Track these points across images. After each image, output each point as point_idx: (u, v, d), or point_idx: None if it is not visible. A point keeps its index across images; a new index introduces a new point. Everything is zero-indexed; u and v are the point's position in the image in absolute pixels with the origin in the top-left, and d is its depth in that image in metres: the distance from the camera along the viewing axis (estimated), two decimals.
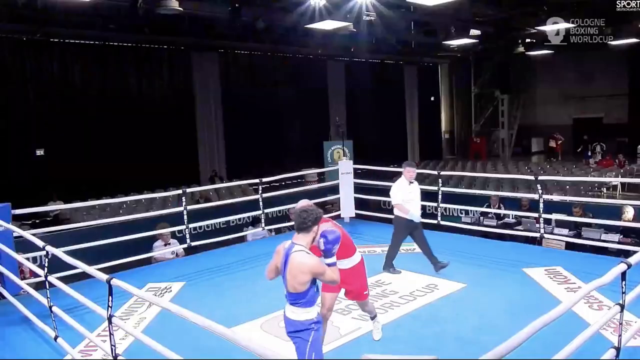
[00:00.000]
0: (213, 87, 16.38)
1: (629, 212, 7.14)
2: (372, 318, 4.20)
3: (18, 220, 8.05)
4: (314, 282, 3.02)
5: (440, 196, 7.46)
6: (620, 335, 2.94)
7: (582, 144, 19.50)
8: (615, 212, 7.36)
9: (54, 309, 4.21)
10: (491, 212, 8.94)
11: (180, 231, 7.16)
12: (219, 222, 9.25)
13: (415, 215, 5.76)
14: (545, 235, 6.94)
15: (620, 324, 2.93)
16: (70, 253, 4.22)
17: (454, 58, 22.63)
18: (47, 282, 4.23)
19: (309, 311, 3.03)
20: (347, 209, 8.23)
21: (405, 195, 5.76)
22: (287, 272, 2.96)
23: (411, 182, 5.82)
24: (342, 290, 3.87)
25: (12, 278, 5.12)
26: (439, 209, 7.46)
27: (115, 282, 3.26)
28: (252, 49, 17.10)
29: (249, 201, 8.32)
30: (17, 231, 5.24)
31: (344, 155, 13.44)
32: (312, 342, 3.06)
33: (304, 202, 3.65)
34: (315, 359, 3.05)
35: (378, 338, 4.13)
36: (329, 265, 3.06)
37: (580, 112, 22.09)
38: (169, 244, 7.10)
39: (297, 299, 3.00)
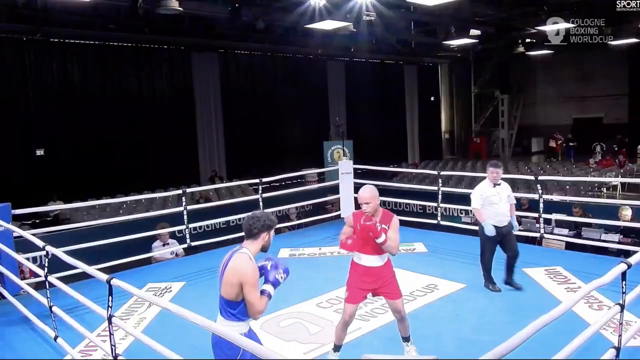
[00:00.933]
0: (213, 87, 16.38)
1: (627, 212, 7.15)
2: (406, 340, 3.84)
3: (18, 220, 8.06)
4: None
5: (440, 196, 7.46)
6: (620, 335, 2.94)
7: (566, 143, 19.61)
8: (615, 212, 7.36)
9: (54, 309, 4.21)
10: None
11: (180, 231, 7.16)
12: (219, 222, 9.24)
13: (488, 225, 5.03)
14: (545, 235, 6.94)
15: (621, 324, 2.93)
16: (70, 253, 4.22)
17: (454, 58, 22.64)
18: (47, 282, 4.23)
19: (236, 325, 2.73)
20: (347, 209, 8.22)
21: (487, 199, 5.14)
22: (225, 273, 2.75)
23: (497, 184, 5.22)
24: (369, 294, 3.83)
25: (12, 278, 5.12)
26: (439, 209, 7.46)
27: (115, 282, 3.26)
28: (252, 49, 17.10)
29: (249, 201, 8.32)
30: (17, 231, 5.24)
31: (344, 155, 13.44)
32: None
33: (368, 188, 3.88)
34: None
35: None
36: (263, 290, 2.79)
37: (580, 112, 22.09)
38: (168, 244, 7.10)
39: (227, 306, 2.74)
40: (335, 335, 3.78)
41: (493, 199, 5.13)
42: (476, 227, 5.48)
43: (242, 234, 2.93)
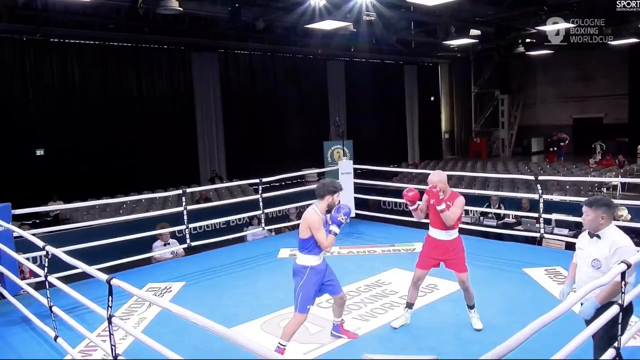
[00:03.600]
0: (213, 87, 16.38)
1: (623, 213, 7.15)
2: (471, 307, 4.32)
3: (18, 220, 8.06)
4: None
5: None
6: (620, 335, 2.94)
7: (552, 144, 19.63)
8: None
9: (54, 309, 4.21)
10: (491, 212, 8.94)
11: (180, 231, 7.16)
12: (219, 222, 9.25)
13: (564, 290, 3.56)
14: (545, 235, 6.94)
15: (620, 323, 2.93)
16: (70, 253, 4.22)
17: (454, 58, 22.65)
18: (47, 282, 4.23)
19: (307, 258, 3.83)
20: None
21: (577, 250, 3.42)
22: (300, 222, 3.90)
23: (593, 235, 3.16)
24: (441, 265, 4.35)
25: (12, 278, 5.12)
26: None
27: (115, 282, 3.26)
28: (252, 49, 17.11)
29: (249, 201, 8.32)
30: (17, 231, 5.23)
31: (344, 155, 13.43)
32: (303, 283, 3.83)
33: (435, 172, 4.33)
34: (302, 299, 3.83)
35: (480, 327, 4.23)
36: (329, 230, 3.78)
37: (580, 112, 22.10)
38: (168, 243, 7.10)
39: (301, 245, 3.84)
40: (408, 294, 4.41)
41: (578, 254, 3.38)
42: (476, 227, 5.50)
43: (242, 233, 3.08)
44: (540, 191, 6.62)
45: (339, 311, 4.21)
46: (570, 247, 6.90)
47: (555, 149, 20.01)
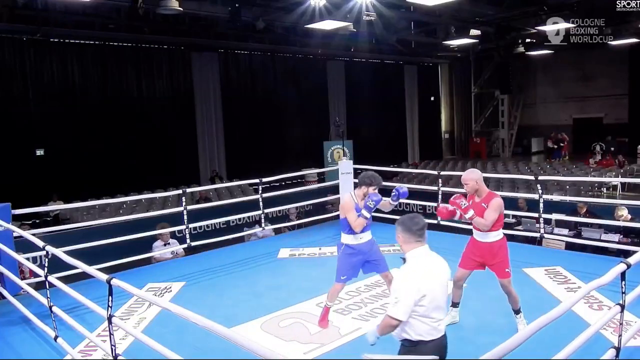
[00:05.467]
0: (213, 87, 16.39)
1: (623, 212, 7.15)
2: (516, 312, 4.15)
3: (18, 220, 8.06)
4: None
5: (440, 196, 7.46)
6: (620, 336, 2.94)
7: (555, 143, 19.60)
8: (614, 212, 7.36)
9: (54, 309, 4.21)
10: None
11: (180, 231, 7.15)
12: (219, 222, 9.24)
13: None
14: (545, 235, 6.94)
15: (621, 324, 2.93)
16: (70, 253, 4.21)
17: (454, 58, 22.64)
18: (47, 282, 4.23)
19: (344, 237, 4.33)
20: None
21: None
22: None
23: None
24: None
25: (12, 278, 5.12)
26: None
27: (115, 282, 3.26)
28: (252, 49, 17.11)
29: (249, 201, 8.31)
30: (17, 231, 5.23)
31: (344, 155, 13.44)
32: (340, 258, 4.36)
33: (468, 171, 4.33)
34: (337, 269, 4.35)
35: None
36: (360, 213, 4.23)
37: (580, 112, 22.10)
38: (168, 243, 7.10)
39: (340, 225, 4.36)
40: (451, 294, 4.31)
41: None
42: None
43: (242, 233, 3.12)
44: (540, 191, 6.61)
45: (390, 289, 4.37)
46: (571, 247, 6.91)
47: (555, 147, 19.99)
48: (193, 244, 6.81)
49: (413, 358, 3.85)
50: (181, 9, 10.60)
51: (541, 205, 6.51)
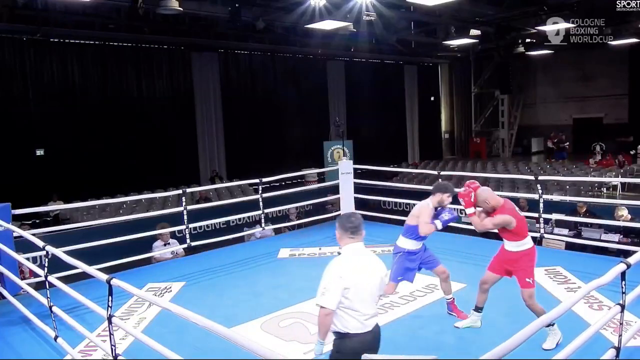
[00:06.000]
0: (213, 87, 16.38)
1: (623, 213, 7.15)
2: (547, 326, 3.69)
3: (18, 220, 8.05)
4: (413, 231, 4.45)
5: None
6: (620, 335, 2.94)
7: (560, 144, 19.57)
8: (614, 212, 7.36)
9: (54, 309, 4.21)
10: None
11: (180, 231, 7.15)
12: (219, 222, 9.24)
13: None
14: (545, 235, 6.94)
15: (621, 324, 2.93)
16: (70, 253, 4.21)
17: (454, 58, 22.64)
18: (47, 282, 4.23)
19: (406, 242, 4.47)
20: (347, 209, 8.21)
21: None
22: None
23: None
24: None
25: (12, 278, 5.12)
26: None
27: (115, 282, 3.26)
28: (252, 49, 17.11)
29: (249, 201, 8.31)
30: (17, 231, 5.23)
31: (344, 155, 13.45)
32: (396, 262, 4.48)
33: (485, 189, 4.27)
34: (393, 271, 4.44)
35: (549, 347, 3.61)
36: (433, 222, 4.43)
37: (580, 112, 22.10)
38: (169, 243, 7.10)
39: (405, 230, 4.50)
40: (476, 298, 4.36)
41: None
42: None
43: (242, 233, 3.16)
44: (540, 191, 6.61)
45: (445, 288, 4.57)
46: (571, 247, 6.91)
47: (555, 147, 19.95)
48: (193, 244, 6.81)
49: (413, 358, 3.86)
50: (181, 9, 10.60)
51: (541, 205, 6.51)
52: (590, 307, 4.51)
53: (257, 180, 7.59)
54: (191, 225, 6.82)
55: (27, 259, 5.31)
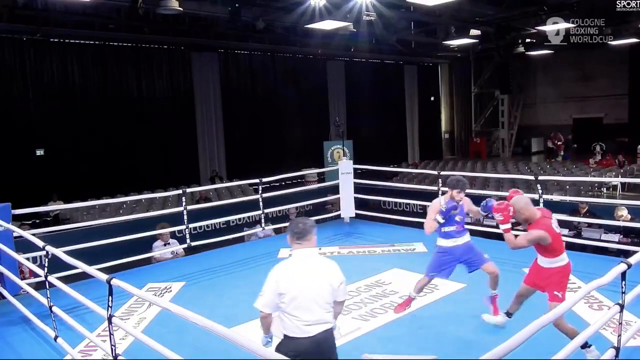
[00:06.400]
0: (213, 87, 16.39)
1: (623, 213, 7.15)
2: (583, 347, 3.45)
3: (18, 220, 8.05)
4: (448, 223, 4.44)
5: (440, 196, 7.44)
6: (620, 335, 2.94)
7: (567, 144, 19.57)
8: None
9: (54, 309, 4.21)
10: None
11: (180, 231, 7.15)
12: (219, 222, 9.24)
13: None
14: None
15: (620, 324, 2.93)
16: (70, 253, 4.21)
17: (454, 58, 22.65)
18: (47, 282, 4.23)
19: (438, 240, 4.50)
20: (347, 209, 8.22)
21: None
22: None
23: None
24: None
25: (12, 278, 5.12)
26: None
27: (115, 282, 3.26)
28: (252, 49, 17.11)
29: (249, 201, 8.31)
30: (17, 231, 5.23)
31: (344, 155, 13.45)
32: (432, 258, 4.55)
33: (520, 199, 3.89)
34: (428, 267, 4.54)
35: None
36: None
37: (580, 112, 22.09)
38: (169, 243, 7.10)
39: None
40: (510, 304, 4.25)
41: None
42: (476, 227, 5.44)
43: (242, 233, 3.20)
44: (540, 191, 6.61)
45: (491, 285, 4.49)
46: (571, 247, 6.90)
47: (555, 147, 19.96)
48: (193, 244, 6.81)
49: (413, 358, 3.86)
50: (181, 9, 10.61)
51: (541, 205, 6.51)
52: (590, 307, 4.51)
53: (257, 180, 7.58)
54: (191, 225, 6.82)
55: (27, 259, 5.31)
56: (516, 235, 3.83)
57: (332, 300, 2.90)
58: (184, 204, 6.73)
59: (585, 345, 3.53)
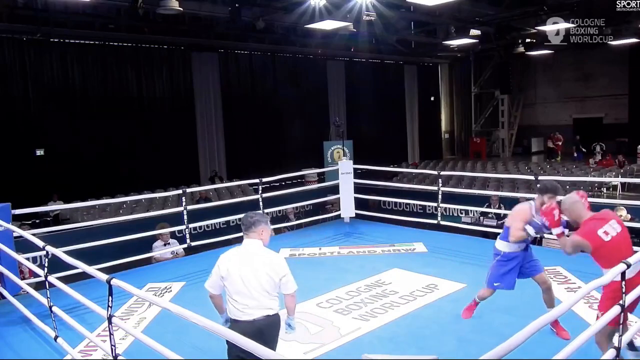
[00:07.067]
0: (213, 87, 16.39)
1: (622, 213, 7.15)
2: (631, 348, 3.33)
3: (18, 220, 8.06)
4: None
5: (440, 196, 7.46)
6: (620, 336, 2.94)
7: (575, 144, 19.48)
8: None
9: (54, 309, 4.21)
10: (491, 212, 8.94)
11: (180, 231, 7.15)
12: (219, 222, 9.24)
13: None
14: (545, 235, 6.92)
15: (621, 324, 2.93)
16: (70, 253, 4.21)
17: (454, 58, 22.65)
18: (47, 282, 4.22)
19: (502, 244, 4.16)
20: (347, 209, 8.22)
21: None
22: None
23: None
24: None
25: (12, 278, 5.12)
26: (439, 209, 7.45)
27: (115, 282, 3.25)
28: (252, 49, 17.12)
29: (249, 201, 8.31)
30: (17, 231, 5.23)
31: (344, 155, 13.44)
32: (492, 266, 4.20)
33: (569, 197, 3.75)
34: (489, 276, 4.21)
35: None
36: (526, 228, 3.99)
37: (580, 112, 22.09)
38: (169, 243, 7.10)
39: (503, 231, 4.18)
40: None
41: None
42: (476, 227, 5.41)
43: (241, 234, 3.27)
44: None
45: (546, 299, 4.16)
46: None
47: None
48: (193, 244, 6.80)
49: (412, 358, 3.86)
50: (181, 9, 10.61)
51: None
52: (590, 307, 4.51)
53: (257, 180, 7.58)
54: (191, 225, 6.81)
55: (27, 259, 5.30)
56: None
57: (275, 291, 3.10)
58: (184, 204, 6.73)
59: (634, 349, 3.45)
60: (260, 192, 7.45)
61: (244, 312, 3.03)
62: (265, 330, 3.04)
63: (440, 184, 7.56)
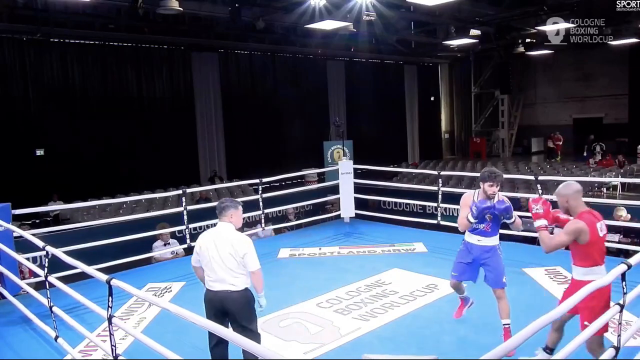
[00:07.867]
0: (213, 87, 16.38)
1: (622, 213, 7.15)
2: (547, 350, 3.35)
3: (18, 220, 8.05)
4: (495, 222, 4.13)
5: (440, 196, 7.46)
6: (619, 335, 2.94)
7: (587, 144, 19.25)
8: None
9: (54, 309, 4.21)
10: None
11: (180, 231, 7.15)
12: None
13: None
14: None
15: (620, 323, 2.93)
16: (70, 253, 4.22)
17: (454, 58, 22.65)
18: (47, 282, 4.23)
19: (467, 235, 4.14)
20: (347, 209, 8.23)
21: None
22: None
23: None
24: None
25: (12, 278, 5.12)
26: (439, 209, 7.46)
27: (115, 282, 3.26)
28: (252, 49, 17.12)
29: (249, 201, 8.31)
30: (17, 231, 5.23)
31: (344, 155, 13.44)
32: (500, 260, 4.09)
33: (569, 185, 3.47)
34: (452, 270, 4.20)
35: None
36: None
37: (580, 112, 22.09)
38: (169, 243, 7.10)
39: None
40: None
41: None
42: None
43: (243, 233, 3.32)
44: (540, 191, 6.62)
45: (501, 308, 3.99)
46: None
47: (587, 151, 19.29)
48: (193, 244, 6.78)
49: (412, 358, 3.86)
50: (181, 9, 10.61)
51: None
52: None
53: (257, 180, 7.59)
54: (191, 226, 6.82)
55: (27, 259, 5.31)
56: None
57: (240, 269, 3.53)
58: (184, 204, 6.73)
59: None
60: (260, 192, 7.46)
61: (210, 284, 3.54)
62: (227, 304, 3.47)
63: (440, 184, 7.56)
